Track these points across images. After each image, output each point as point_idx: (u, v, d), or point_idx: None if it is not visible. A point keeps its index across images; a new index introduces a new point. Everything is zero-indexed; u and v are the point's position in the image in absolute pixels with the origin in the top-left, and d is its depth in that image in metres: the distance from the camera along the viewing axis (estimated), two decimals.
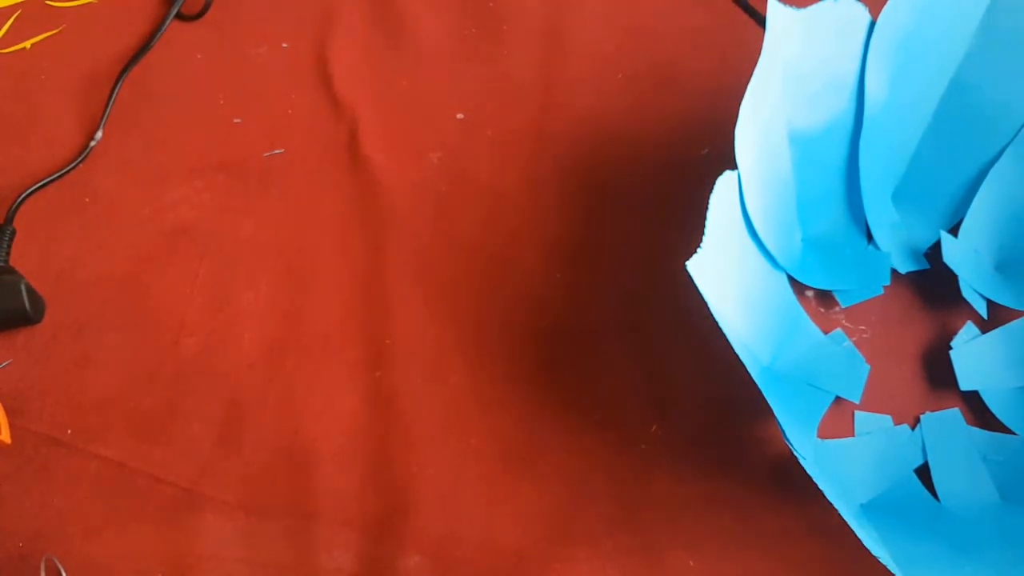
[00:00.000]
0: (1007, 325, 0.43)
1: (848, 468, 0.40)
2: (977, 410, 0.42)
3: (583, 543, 0.40)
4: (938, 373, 0.43)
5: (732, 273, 0.38)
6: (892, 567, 0.30)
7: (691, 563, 0.39)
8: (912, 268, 0.44)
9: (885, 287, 0.44)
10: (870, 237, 0.45)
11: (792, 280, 0.43)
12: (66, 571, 0.38)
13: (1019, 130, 0.42)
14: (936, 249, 0.44)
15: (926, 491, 0.40)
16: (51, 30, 0.51)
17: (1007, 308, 0.43)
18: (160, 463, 0.41)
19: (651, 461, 0.41)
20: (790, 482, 0.40)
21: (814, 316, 0.44)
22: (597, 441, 0.42)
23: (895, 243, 0.45)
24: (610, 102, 0.50)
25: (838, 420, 0.42)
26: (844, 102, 0.42)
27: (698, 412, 0.42)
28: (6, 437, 0.40)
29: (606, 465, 0.41)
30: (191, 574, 0.39)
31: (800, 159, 0.42)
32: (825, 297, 0.44)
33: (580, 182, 0.48)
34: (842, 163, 0.44)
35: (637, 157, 0.48)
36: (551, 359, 0.44)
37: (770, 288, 0.42)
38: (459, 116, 0.50)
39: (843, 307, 0.44)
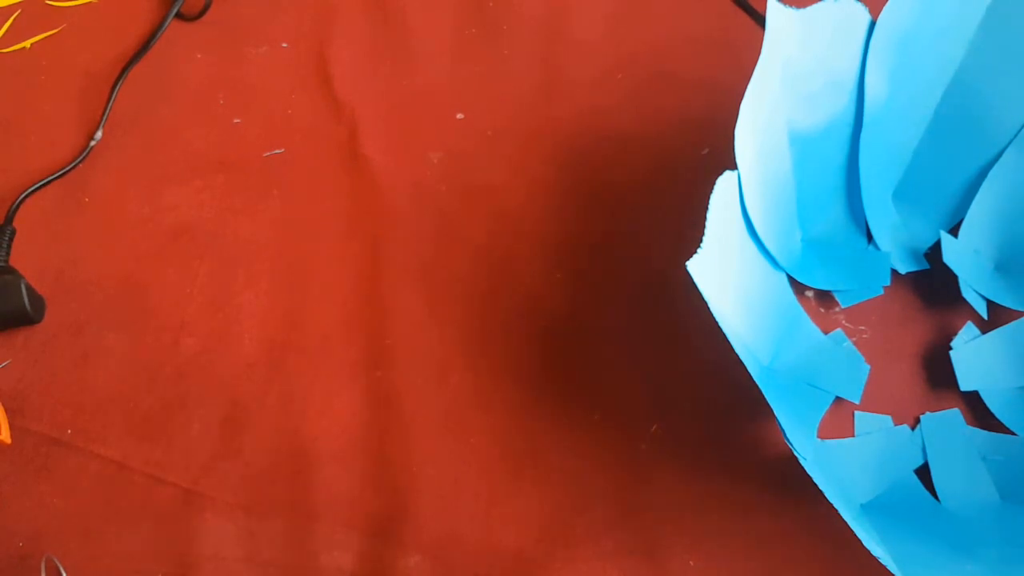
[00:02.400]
0: (1007, 325, 0.43)
1: (848, 468, 0.40)
2: (977, 410, 0.42)
3: (583, 543, 0.40)
4: (938, 373, 0.43)
5: (732, 273, 0.38)
6: (892, 567, 0.30)
7: (691, 563, 0.39)
8: (912, 268, 0.44)
9: (885, 287, 0.44)
10: (870, 237, 0.45)
11: (792, 280, 0.43)
12: (66, 571, 0.38)
13: (1019, 130, 0.42)
14: (936, 249, 0.44)
15: (926, 491, 0.40)
16: (51, 30, 0.51)
17: (1007, 308, 0.43)
18: (160, 463, 0.41)
19: (651, 461, 0.41)
20: (790, 482, 0.40)
21: (814, 316, 0.44)
22: (597, 441, 0.42)
23: (895, 243, 0.45)
24: (610, 102, 0.50)
25: (838, 420, 0.42)
26: (844, 102, 0.42)
27: (698, 412, 0.42)
28: (6, 437, 0.40)
29: (606, 465, 0.41)
30: (191, 574, 0.39)
31: (800, 159, 0.42)
32: (825, 297, 0.44)
33: (580, 182, 0.48)
34: (842, 163, 0.44)
35: (637, 157, 0.48)
36: (551, 359, 0.44)
37: (770, 288, 0.42)
38: (459, 116, 0.50)
39: (843, 307, 0.44)
